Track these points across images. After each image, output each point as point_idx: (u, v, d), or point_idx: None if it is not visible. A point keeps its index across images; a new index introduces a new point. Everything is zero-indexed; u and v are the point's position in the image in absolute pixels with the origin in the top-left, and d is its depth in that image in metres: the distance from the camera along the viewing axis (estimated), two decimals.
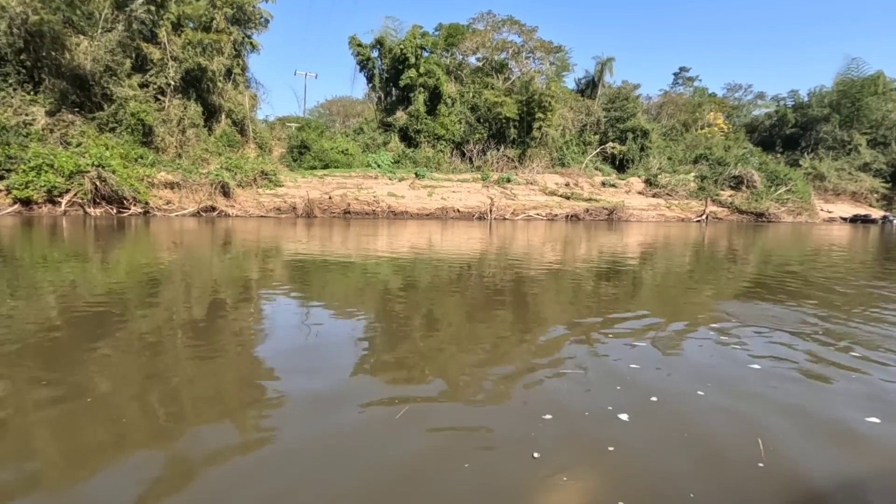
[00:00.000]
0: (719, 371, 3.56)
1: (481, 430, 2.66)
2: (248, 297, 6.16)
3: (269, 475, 2.30)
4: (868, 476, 2.24)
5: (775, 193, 33.73)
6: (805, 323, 4.98)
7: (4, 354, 3.76)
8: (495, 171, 32.44)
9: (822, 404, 3.00)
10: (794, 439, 2.51)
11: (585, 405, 2.93)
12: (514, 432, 2.60)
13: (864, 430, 2.65)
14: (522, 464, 2.28)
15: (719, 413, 2.83)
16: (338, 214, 24.40)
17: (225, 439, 2.67)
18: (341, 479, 2.22)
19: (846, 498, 2.07)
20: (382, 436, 2.65)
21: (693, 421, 2.73)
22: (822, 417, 2.81)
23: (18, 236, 12.04)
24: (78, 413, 2.88)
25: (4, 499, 2.14)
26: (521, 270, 8.77)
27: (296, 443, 2.62)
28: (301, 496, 2.11)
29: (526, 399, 3.11)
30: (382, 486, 2.16)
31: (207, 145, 26.53)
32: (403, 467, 2.29)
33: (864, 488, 2.14)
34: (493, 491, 2.08)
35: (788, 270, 9.46)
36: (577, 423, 2.70)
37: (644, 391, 3.19)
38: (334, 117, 55.90)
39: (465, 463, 2.32)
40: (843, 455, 2.40)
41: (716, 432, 2.61)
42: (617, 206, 28.86)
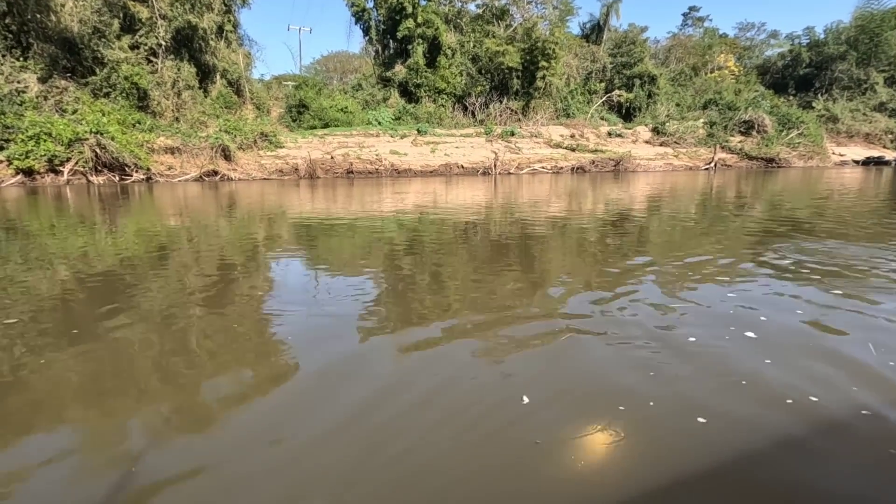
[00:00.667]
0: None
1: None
2: (256, 260, 6.21)
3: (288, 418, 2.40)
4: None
5: (786, 138, 32.87)
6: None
7: (24, 322, 3.86)
8: (498, 125, 31.72)
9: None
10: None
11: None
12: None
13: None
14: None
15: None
16: (340, 174, 24.18)
17: (243, 385, 2.76)
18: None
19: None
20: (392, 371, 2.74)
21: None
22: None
23: (25, 207, 12.09)
24: (101, 372, 2.99)
25: (37, 452, 2.26)
26: (526, 226, 8.74)
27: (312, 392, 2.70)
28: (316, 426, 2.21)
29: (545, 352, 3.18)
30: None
31: (204, 108, 26.02)
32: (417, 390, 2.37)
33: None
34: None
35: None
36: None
37: (650, 333, 3.24)
38: (331, 74, 54.36)
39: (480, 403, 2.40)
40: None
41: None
42: (623, 156, 28.33)
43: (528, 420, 2.37)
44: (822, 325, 3.46)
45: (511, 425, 2.33)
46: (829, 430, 2.26)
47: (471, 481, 1.98)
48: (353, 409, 2.52)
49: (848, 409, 2.42)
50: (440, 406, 2.53)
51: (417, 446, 2.20)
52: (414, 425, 2.36)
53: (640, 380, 2.73)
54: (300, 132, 27.75)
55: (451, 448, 2.18)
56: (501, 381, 2.77)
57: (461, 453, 2.14)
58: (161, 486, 2.04)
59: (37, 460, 2.21)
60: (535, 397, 2.57)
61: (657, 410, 2.42)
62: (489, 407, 2.50)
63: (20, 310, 4.13)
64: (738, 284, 4.55)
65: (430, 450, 2.17)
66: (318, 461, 2.13)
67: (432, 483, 1.97)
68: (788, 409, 2.41)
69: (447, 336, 3.45)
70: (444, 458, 2.11)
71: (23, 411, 2.61)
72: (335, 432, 2.33)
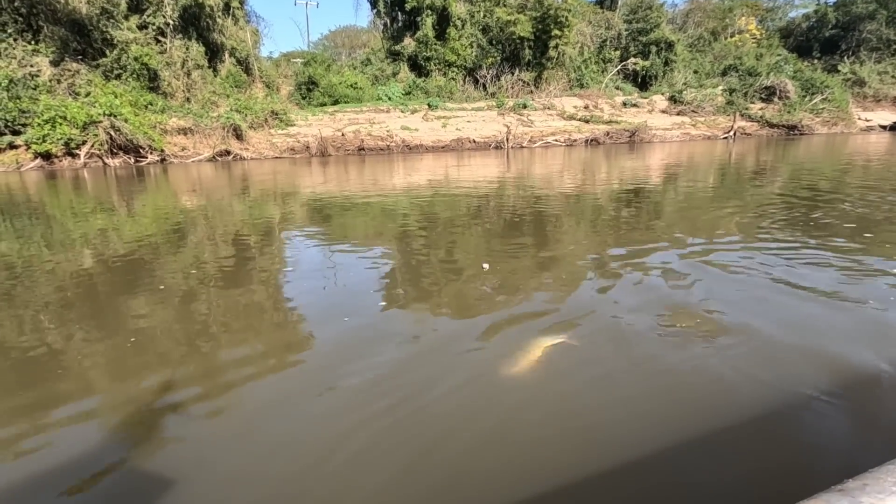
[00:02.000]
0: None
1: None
2: (271, 239, 6.29)
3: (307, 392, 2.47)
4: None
5: (810, 104, 31.70)
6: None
7: (51, 303, 3.98)
8: (510, 98, 31.11)
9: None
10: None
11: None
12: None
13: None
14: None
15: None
16: (352, 152, 24.09)
17: (260, 358, 2.84)
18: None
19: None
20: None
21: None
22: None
23: (45, 190, 12.33)
24: (125, 349, 3.09)
25: (64, 424, 2.36)
26: (540, 201, 8.66)
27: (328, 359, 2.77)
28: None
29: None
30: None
31: (214, 87, 25.95)
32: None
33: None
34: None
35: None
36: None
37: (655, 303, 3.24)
38: (340, 49, 53.54)
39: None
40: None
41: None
42: (639, 126, 27.66)
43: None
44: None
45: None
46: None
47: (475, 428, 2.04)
48: (366, 379, 2.59)
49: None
50: (457, 380, 2.58)
51: (434, 407, 2.25)
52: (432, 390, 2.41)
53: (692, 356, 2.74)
54: (310, 110, 27.59)
55: (473, 413, 2.23)
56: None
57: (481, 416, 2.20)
58: (181, 448, 2.13)
59: (64, 424, 2.33)
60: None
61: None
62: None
63: (46, 289, 4.26)
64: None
65: (450, 410, 2.22)
66: (333, 427, 2.20)
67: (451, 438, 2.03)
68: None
69: (474, 314, 3.48)
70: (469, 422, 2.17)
71: (52, 379, 2.73)
72: (348, 404, 2.40)
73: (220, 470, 2.03)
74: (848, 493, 0.84)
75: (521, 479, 1.88)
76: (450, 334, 3.14)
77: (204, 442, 2.22)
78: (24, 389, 2.68)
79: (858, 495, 0.83)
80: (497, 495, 1.80)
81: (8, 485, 1.99)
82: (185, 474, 2.00)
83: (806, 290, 3.56)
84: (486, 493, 1.82)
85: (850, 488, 0.85)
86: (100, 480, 1.99)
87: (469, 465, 1.96)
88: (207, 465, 2.05)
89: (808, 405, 2.24)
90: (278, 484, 1.92)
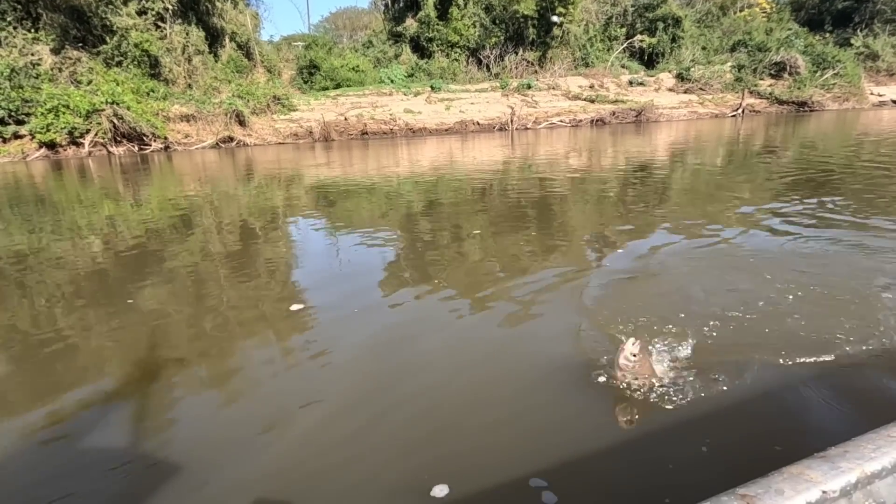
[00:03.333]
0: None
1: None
2: (276, 225, 6.31)
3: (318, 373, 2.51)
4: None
5: (821, 79, 31.02)
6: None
7: (65, 291, 4.04)
8: (514, 78, 30.67)
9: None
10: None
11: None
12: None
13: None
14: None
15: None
16: (355, 136, 23.96)
17: (268, 348, 2.88)
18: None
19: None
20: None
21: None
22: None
23: (51, 180, 12.39)
24: (139, 334, 3.14)
25: (85, 407, 2.42)
26: (545, 183, 8.61)
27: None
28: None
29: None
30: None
31: (216, 73, 25.76)
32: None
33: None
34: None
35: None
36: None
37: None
38: (341, 32, 52.87)
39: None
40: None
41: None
42: (645, 106, 27.24)
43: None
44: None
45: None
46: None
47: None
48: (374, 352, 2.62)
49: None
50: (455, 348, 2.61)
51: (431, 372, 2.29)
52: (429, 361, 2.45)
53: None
54: (312, 94, 27.38)
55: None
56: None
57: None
58: (195, 424, 2.18)
59: (78, 407, 2.39)
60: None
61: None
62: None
63: (57, 277, 4.32)
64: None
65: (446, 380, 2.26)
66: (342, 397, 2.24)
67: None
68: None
69: (476, 293, 3.50)
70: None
71: (65, 364, 2.78)
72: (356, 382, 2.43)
73: (222, 440, 2.08)
74: (829, 460, 0.87)
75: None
76: (454, 310, 3.17)
77: (211, 413, 2.27)
78: (41, 370, 2.73)
79: (838, 461, 0.86)
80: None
81: (30, 461, 2.05)
82: (194, 448, 2.05)
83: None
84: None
85: (831, 455, 0.89)
86: (117, 458, 2.04)
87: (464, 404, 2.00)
88: (213, 439, 2.10)
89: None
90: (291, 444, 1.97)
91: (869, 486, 0.85)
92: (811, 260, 3.78)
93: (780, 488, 0.81)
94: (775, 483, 0.83)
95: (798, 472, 0.84)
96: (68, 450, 2.14)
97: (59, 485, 1.94)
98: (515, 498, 1.74)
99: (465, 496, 1.74)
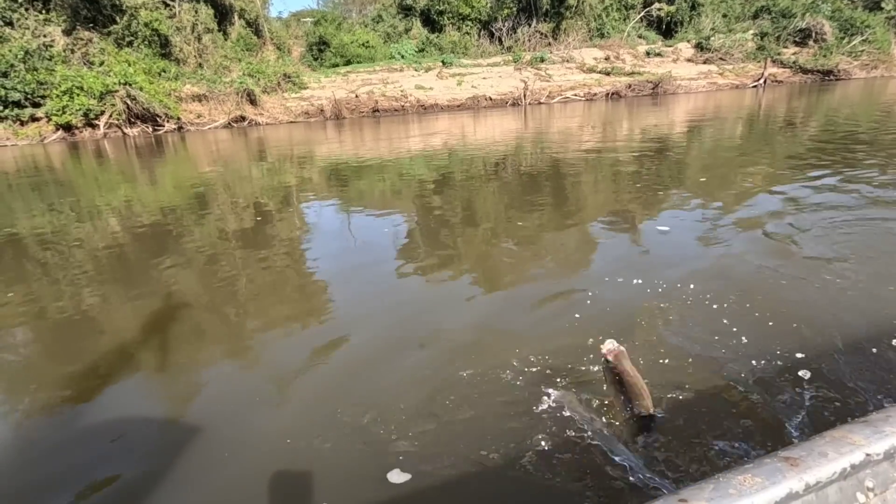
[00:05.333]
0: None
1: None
2: (290, 204, 6.35)
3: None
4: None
5: (848, 46, 29.72)
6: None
7: (87, 273, 4.14)
8: (527, 51, 29.94)
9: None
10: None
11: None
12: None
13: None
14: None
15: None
16: (366, 114, 23.79)
17: (293, 330, 2.94)
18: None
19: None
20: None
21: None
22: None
23: (69, 162, 12.57)
24: (161, 315, 3.22)
25: (110, 382, 2.51)
26: (559, 163, 8.49)
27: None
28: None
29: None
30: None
31: (226, 51, 25.61)
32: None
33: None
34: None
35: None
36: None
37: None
38: (350, 6, 51.80)
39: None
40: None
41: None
42: (663, 77, 26.46)
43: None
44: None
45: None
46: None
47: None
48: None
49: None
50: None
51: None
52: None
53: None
54: (322, 71, 27.12)
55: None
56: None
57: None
58: (215, 394, 2.25)
59: (102, 383, 2.48)
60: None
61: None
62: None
63: (78, 258, 4.43)
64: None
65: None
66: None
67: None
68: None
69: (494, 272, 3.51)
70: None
71: (89, 341, 2.88)
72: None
73: (250, 417, 2.15)
74: (871, 424, 0.87)
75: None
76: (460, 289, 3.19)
77: (235, 388, 2.34)
78: (64, 342, 2.84)
79: (881, 425, 0.86)
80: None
81: (57, 435, 2.14)
82: (217, 422, 2.12)
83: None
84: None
85: (873, 419, 0.89)
86: (141, 430, 2.13)
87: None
88: (240, 413, 2.18)
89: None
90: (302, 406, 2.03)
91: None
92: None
93: (823, 451, 0.82)
94: (818, 446, 0.83)
95: (840, 436, 0.85)
96: (92, 416, 2.24)
97: (89, 446, 2.04)
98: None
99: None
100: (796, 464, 0.79)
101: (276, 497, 1.78)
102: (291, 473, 1.87)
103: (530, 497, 1.67)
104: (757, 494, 0.74)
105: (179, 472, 1.91)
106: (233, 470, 1.90)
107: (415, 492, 1.72)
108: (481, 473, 1.77)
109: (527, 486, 1.70)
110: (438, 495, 1.71)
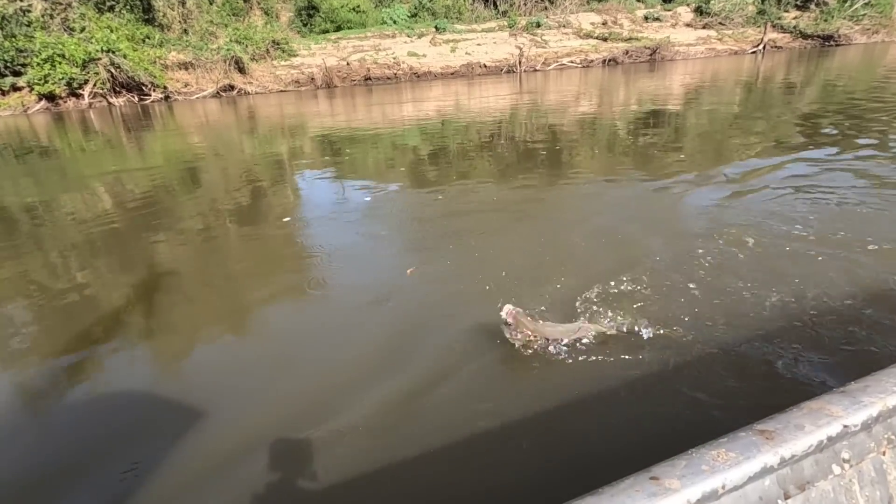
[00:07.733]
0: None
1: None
2: (283, 176, 6.27)
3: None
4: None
5: (850, 9, 29.10)
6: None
7: (78, 247, 4.10)
8: (523, 16, 29.14)
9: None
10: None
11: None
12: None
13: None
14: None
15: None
16: (358, 82, 23.25)
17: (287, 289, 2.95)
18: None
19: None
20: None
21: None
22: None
23: (54, 133, 12.28)
24: (156, 290, 3.22)
25: (109, 356, 2.52)
26: (556, 133, 8.39)
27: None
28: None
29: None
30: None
31: (211, 16, 24.75)
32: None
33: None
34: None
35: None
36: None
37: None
38: None
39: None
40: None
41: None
42: (661, 43, 25.91)
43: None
44: None
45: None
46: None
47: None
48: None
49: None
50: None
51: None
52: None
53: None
54: (312, 37, 26.32)
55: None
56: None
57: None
58: (211, 368, 2.28)
59: (99, 355, 2.50)
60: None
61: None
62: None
63: (70, 234, 4.38)
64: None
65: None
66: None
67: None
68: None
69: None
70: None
71: (84, 314, 2.88)
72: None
73: (246, 386, 2.18)
74: (849, 394, 0.87)
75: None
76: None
77: (232, 359, 2.36)
78: (59, 317, 2.84)
79: (859, 395, 0.86)
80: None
81: (60, 409, 2.17)
82: (214, 394, 2.15)
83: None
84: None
85: (851, 390, 0.88)
86: (143, 402, 2.16)
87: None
88: (234, 385, 2.21)
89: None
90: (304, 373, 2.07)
91: (890, 419, 0.86)
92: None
93: (799, 423, 0.81)
94: (795, 418, 0.82)
95: (818, 407, 0.84)
96: (92, 390, 2.26)
97: (95, 420, 2.07)
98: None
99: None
100: (771, 437, 0.78)
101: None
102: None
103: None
104: (730, 470, 0.74)
105: (184, 446, 1.95)
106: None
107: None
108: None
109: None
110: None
